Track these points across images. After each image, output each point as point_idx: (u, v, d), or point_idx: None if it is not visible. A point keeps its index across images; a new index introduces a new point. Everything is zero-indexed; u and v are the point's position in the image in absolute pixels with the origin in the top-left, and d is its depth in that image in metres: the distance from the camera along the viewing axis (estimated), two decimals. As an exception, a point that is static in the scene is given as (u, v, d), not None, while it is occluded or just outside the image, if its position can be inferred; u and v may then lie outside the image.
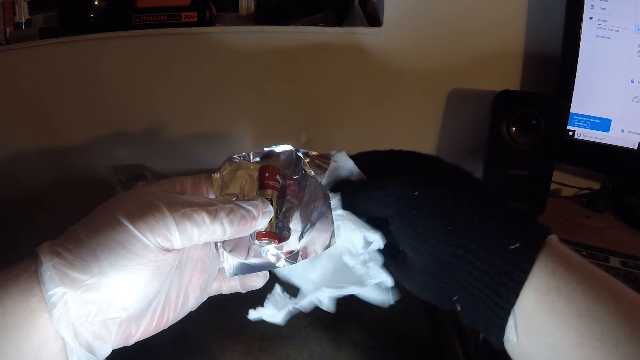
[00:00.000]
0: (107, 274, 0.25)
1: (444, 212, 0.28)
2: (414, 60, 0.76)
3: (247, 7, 0.84)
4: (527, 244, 0.26)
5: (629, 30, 0.62)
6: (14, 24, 0.78)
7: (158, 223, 0.26)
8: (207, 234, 0.28)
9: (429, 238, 0.29)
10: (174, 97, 0.81)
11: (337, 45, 0.75)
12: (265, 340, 0.44)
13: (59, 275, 0.25)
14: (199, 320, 0.47)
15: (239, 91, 0.80)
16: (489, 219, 0.28)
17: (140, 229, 0.26)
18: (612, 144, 0.68)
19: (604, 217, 0.72)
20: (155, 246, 0.26)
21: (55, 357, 0.26)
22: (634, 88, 0.64)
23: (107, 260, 0.26)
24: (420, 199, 0.29)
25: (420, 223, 0.29)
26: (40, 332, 0.25)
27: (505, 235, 0.27)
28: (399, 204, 0.29)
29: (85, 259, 0.26)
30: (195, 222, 0.27)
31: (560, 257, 0.26)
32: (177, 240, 0.27)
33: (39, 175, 0.80)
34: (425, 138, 0.82)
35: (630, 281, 0.52)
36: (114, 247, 0.26)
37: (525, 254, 0.26)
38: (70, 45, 0.76)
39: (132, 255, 0.26)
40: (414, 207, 0.29)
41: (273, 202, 0.32)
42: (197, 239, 0.28)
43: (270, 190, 0.32)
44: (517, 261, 0.26)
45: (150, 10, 0.75)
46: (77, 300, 0.25)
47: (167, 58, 0.77)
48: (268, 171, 0.33)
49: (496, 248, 0.27)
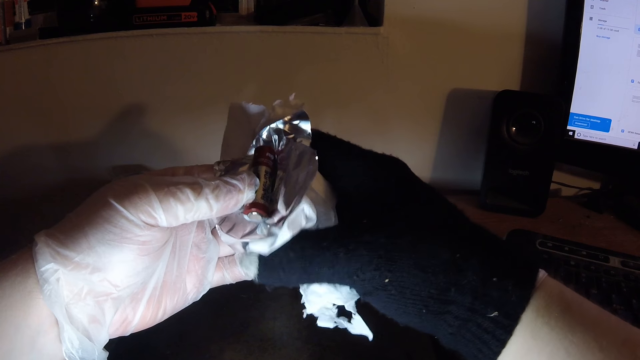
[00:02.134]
0: (95, 250, 0.26)
1: (417, 296, 0.27)
2: (414, 60, 0.76)
3: (247, 7, 0.84)
4: (505, 312, 0.25)
5: (629, 30, 0.62)
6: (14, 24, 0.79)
7: (142, 200, 0.27)
8: (193, 211, 0.28)
9: (402, 316, 0.28)
10: (174, 97, 0.81)
11: (337, 45, 0.75)
12: (265, 340, 0.44)
13: (51, 253, 0.26)
14: (199, 320, 0.47)
15: (238, 91, 0.80)
16: (465, 291, 0.26)
17: (125, 206, 0.27)
18: (612, 144, 0.68)
19: (604, 217, 0.72)
20: (139, 222, 0.27)
21: (52, 342, 0.26)
22: (634, 88, 0.64)
23: (94, 236, 0.26)
24: (392, 288, 0.27)
25: (393, 306, 0.28)
26: (38, 314, 0.26)
27: (483, 304, 0.25)
28: (368, 286, 0.28)
29: (75, 236, 0.26)
30: (179, 199, 0.28)
31: (543, 313, 0.25)
32: (162, 218, 0.27)
33: (39, 174, 0.80)
34: (425, 138, 0.82)
35: (630, 281, 0.52)
36: (100, 222, 0.27)
37: (503, 323, 0.25)
38: (70, 45, 0.76)
39: (118, 229, 0.27)
40: (385, 294, 0.27)
41: (261, 175, 0.31)
42: (184, 217, 0.28)
43: (261, 166, 0.31)
44: (494, 331, 0.25)
45: (150, 10, 0.75)
46: (68, 277, 0.26)
47: (167, 58, 0.77)
48: (259, 150, 0.33)
49: (472, 317, 0.26)
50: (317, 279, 0.29)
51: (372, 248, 0.27)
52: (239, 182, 0.30)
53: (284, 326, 0.46)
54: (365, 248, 0.27)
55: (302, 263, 0.28)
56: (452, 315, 0.26)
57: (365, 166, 0.31)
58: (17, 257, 0.27)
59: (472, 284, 0.26)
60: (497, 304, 0.25)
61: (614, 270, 0.53)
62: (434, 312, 0.27)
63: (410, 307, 0.27)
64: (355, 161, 0.32)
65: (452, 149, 0.82)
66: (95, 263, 0.26)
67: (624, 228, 0.69)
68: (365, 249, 0.27)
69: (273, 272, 0.29)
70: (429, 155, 0.82)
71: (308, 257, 0.28)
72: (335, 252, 0.27)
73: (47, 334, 0.26)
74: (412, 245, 0.27)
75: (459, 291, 0.26)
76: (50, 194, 0.81)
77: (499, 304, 0.25)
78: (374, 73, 0.77)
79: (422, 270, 0.26)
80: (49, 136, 0.82)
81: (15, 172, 0.80)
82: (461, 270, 0.26)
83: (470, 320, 0.26)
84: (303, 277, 0.29)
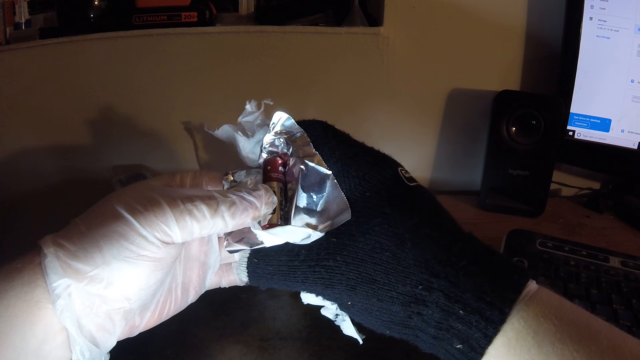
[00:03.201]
0: (110, 265, 0.26)
1: (379, 320, 0.28)
2: (414, 60, 0.76)
3: (247, 7, 0.84)
4: (470, 345, 0.25)
5: (629, 30, 0.62)
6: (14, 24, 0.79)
7: (158, 219, 0.27)
8: (208, 228, 0.28)
9: (370, 326, 0.29)
10: (174, 97, 0.81)
11: (337, 45, 0.75)
12: (265, 340, 0.44)
13: (63, 266, 0.25)
14: (199, 320, 0.47)
15: (238, 91, 0.80)
16: (428, 321, 0.26)
17: (141, 223, 0.26)
18: (612, 144, 0.68)
19: (604, 217, 0.72)
20: (155, 240, 0.27)
21: (59, 348, 0.26)
22: (634, 88, 0.64)
23: (109, 252, 0.26)
24: (355, 310, 0.28)
25: (363, 321, 0.29)
26: (44, 324, 0.25)
27: (448, 335, 0.25)
28: (335, 303, 0.30)
29: (89, 250, 0.26)
30: (195, 217, 0.27)
31: (514, 347, 0.24)
32: (178, 235, 0.27)
33: (39, 174, 0.80)
34: (425, 138, 0.82)
35: (630, 281, 0.52)
36: (117, 238, 0.26)
37: (468, 355, 0.25)
38: (70, 45, 0.76)
39: (134, 247, 0.26)
40: (350, 313, 0.29)
41: (276, 193, 0.31)
42: (199, 233, 0.28)
43: (274, 182, 0.32)
44: (462, 358, 0.25)
45: (150, 10, 0.75)
46: (81, 291, 0.25)
47: (167, 58, 0.77)
48: (270, 163, 0.33)
49: (439, 344, 0.26)
50: (295, 289, 0.31)
51: (335, 274, 0.28)
52: (256, 200, 0.29)
53: (284, 326, 0.46)
54: (329, 273, 0.28)
55: (280, 277, 0.30)
56: (420, 338, 0.27)
57: (350, 172, 0.31)
58: (22, 266, 0.26)
59: (435, 315, 0.26)
60: (462, 337, 0.25)
61: (614, 270, 0.53)
62: (400, 333, 0.28)
63: (376, 326, 0.28)
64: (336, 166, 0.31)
65: (452, 149, 0.82)
66: (110, 278, 0.26)
67: (624, 228, 0.69)
68: (328, 274, 0.28)
69: (260, 279, 0.31)
70: (429, 155, 0.82)
71: (284, 273, 0.30)
72: (304, 271, 0.29)
73: (53, 341, 0.26)
74: (371, 276, 0.27)
75: (422, 320, 0.26)
76: (50, 193, 0.81)
77: (464, 337, 0.25)
78: (374, 73, 0.77)
79: (379, 300, 0.27)
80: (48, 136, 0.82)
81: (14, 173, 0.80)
82: (424, 301, 0.26)
83: (438, 345, 0.26)
84: (283, 286, 0.31)
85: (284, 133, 0.33)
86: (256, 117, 0.36)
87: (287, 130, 0.33)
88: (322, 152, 0.31)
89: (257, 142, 0.35)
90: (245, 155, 0.36)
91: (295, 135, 0.33)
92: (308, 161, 0.31)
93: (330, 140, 0.32)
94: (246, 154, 0.35)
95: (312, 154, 0.31)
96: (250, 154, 0.35)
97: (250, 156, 0.35)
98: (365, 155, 0.32)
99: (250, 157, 0.35)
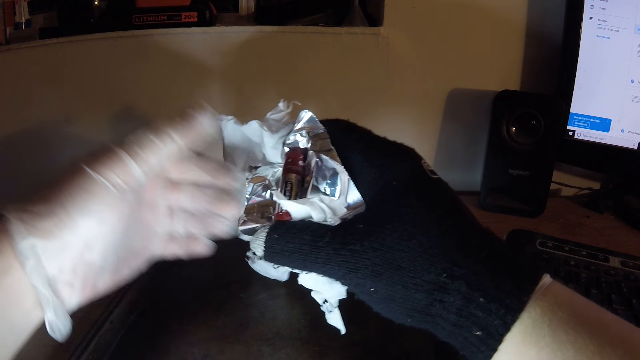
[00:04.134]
0: (74, 219, 0.27)
1: (401, 307, 0.28)
2: (414, 60, 0.76)
3: (247, 7, 0.84)
4: (489, 332, 0.25)
5: (629, 30, 0.62)
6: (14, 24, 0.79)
7: (112, 159, 0.28)
8: (161, 151, 0.30)
9: (390, 315, 0.29)
10: (174, 97, 0.81)
11: (337, 45, 0.75)
12: (265, 340, 0.44)
13: (28, 228, 0.26)
14: (199, 320, 0.47)
15: (238, 91, 0.80)
16: (450, 309, 0.26)
17: (100, 171, 0.28)
18: (612, 144, 0.68)
19: (604, 217, 0.72)
20: (117, 181, 0.28)
21: (30, 311, 0.27)
22: (634, 88, 0.64)
23: (73, 206, 0.27)
24: (377, 297, 0.28)
25: (382, 309, 0.29)
26: (15, 288, 0.26)
27: (468, 322, 0.26)
28: (356, 290, 0.29)
29: (52, 208, 0.27)
30: (146, 146, 0.29)
31: (531, 333, 0.25)
32: (137, 170, 0.29)
33: (38, 175, 0.80)
34: (426, 138, 0.82)
35: (630, 281, 0.52)
36: (79, 192, 0.27)
37: (487, 342, 0.25)
38: (70, 45, 0.76)
39: (97, 197, 0.27)
40: (371, 300, 0.29)
41: (293, 185, 0.33)
42: (157, 162, 0.30)
43: (292, 174, 0.34)
44: (480, 346, 0.26)
45: (150, 10, 0.75)
46: (48, 249, 0.26)
47: (167, 58, 0.77)
48: (291, 156, 0.35)
49: (458, 331, 0.26)
50: (312, 270, 0.30)
51: (360, 259, 0.28)
52: (195, 116, 0.32)
53: (284, 326, 0.46)
54: (354, 257, 0.28)
55: (299, 255, 0.30)
56: (439, 325, 0.27)
57: (370, 164, 0.31)
58: None
59: (456, 303, 0.26)
60: (481, 323, 0.25)
61: (614, 270, 0.53)
62: (419, 321, 0.28)
63: (397, 314, 0.28)
64: (360, 156, 0.32)
65: (452, 149, 0.82)
66: (75, 232, 0.27)
67: (624, 228, 0.69)
68: (354, 258, 0.28)
69: (275, 256, 0.31)
70: (429, 155, 0.82)
71: (305, 252, 0.29)
72: (328, 253, 0.29)
73: (25, 303, 0.26)
74: (397, 263, 0.27)
75: (444, 307, 0.26)
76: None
77: (483, 324, 0.25)
78: (374, 73, 0.77)
79: (404, 287, 0.27)
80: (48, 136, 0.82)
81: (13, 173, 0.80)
82: (446, 289, 0.26)
83: (457, 333, 0.26)
84: (299, 266, 0.30)
85: (307, 129, 0.35)
86: (283, 116, 0.39)
87: (310, 127, 0.35)
88: (346, 144, 0.33)
89: (280, 138, 0.37)
90: (267, 150, 0.38)
91: (317, 132, 0.35)
92: (324, 155, 0.32)
93: (353, 134, 0.34)
94: (269, 148, 0.38)
95: (329, 149, 0.33)
96: (273, 148, 0.37)
97: (272, 151, 0.38)
98: (389, 147, 0.33)
99: (272, 151, 0.38)
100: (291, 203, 0.31)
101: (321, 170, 0.33)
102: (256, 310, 0.48)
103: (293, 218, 0.31)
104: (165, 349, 0.43)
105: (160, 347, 0.43)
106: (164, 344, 0.44)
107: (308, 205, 0.31)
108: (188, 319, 0.47)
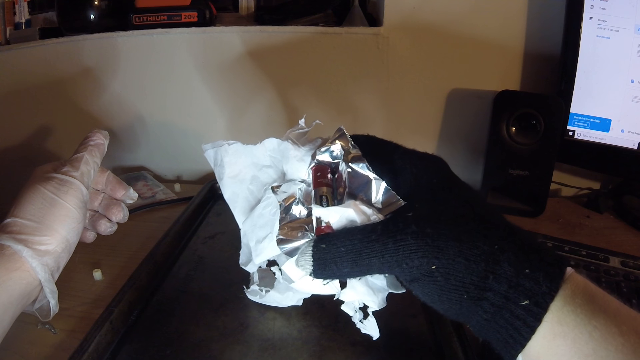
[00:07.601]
0: (62, 235, 0.40)
1: (460, 282, 0.29)
2: (414, 60, 0.76)
3: (247, 7, 0.85)
4: (536, 301, 0.27)
5: (629, 30, 0.62)
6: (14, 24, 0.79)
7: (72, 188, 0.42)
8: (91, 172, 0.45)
9: (444, 302, 0.30)
10: (174, 97, 0.81)
11: (337, 45, 0.75)
12: (265, 340, 0.44)
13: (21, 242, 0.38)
14: (199, 320, 0.47)
15: (238, 91, 0.80)
16: (501, 280, 0.28)
17: (68, 200, 0.41)
18: (612, 144, 0.68)
19: (604, 217, 0.72)
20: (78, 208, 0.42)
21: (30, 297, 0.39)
22: (634, 88, 0.64)
23: (63, 228, 0.40)
24: (438, 274, 0.29)
25: (437, 292, 0.30)
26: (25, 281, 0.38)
27: (516, 293, 0.28)
28: (415, 273, 0.30)
29: (46, 233, 0.39)
30: (85, 161, 0.45)
31: (570, 302, 0.27)
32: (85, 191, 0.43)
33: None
34: (426, 138, 0.82)
35: (630, 281, 0.52)
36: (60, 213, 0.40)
37: (533, 311, 0.27)
38: (70, 45, 0.76)
39: (71, 218, 0.41)
40: (431, 280, 0.30)
41: (329, 198, 0.34)
42: (86, 169, 0.44)
43: (324, 187, 0.35)
44: (525, 318, 0.27)
45: (150, 10, 0.75)
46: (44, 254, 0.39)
47: (167, 58, 0.77)
48: (320, 170, 0.36)
49: (506, 304, 0.28)
50: (367, 270, 0.31)
51: (420, 237, 0.29)
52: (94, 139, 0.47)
53: (284, 326, 0.46)
54: (413, 238, 0.29)
55: (353, 256, 0.31)
56: (488, 301, 0.28)
57: (410, 165, 0.35)
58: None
59: (507, 273, 0.28)
60: (529, 293, 0.27)
61: (614, 270, 0.53)
62: (473, 298, 0.29)
63: (453, 293, 0.29)
64: (400, 161, 0.35)
65: (452, 149, 0.82)
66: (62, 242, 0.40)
67: (624, 228, 0.69)
68: (413, 238, 0.29)
69: (326, 268, 0.32)
70: (429, 155, 0.82)
71: (358, 250, 0.30)
72: (384, 243, 0.30)
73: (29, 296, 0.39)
74: (456, 236, 0.29)
75: (496, 279, 0.28)
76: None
77: (530, 293, 0.27)
78: (374, 73, 0.77)
79: (465, 259, 0.29)
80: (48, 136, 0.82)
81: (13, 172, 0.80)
82: (498, 261, 0.28)
83: (504, 307, 0.28)
84: (354, 269, 0.31)
85: (341, 142, 0.37)
86: (305, 132, 0.42)
87: (343, 140, 0.37)
88: (383, 152, 0.37)
89: (307, 152, 0.39)
90: (292, 163, 0.39)
91: (348, 145, 0.37)
92: (354, 165, 0.34)
93: (388, 144, 0.38)
94: (295, 161, 0.39)
95: (360, 159, 0.35)
96: (300, 161, 0.39)
97: (298, 164, 0.39)
98: (423, 153, 0.37)
99: (297, 164, 0.39)
100: (333, 210, 0.32)
101: (354, 179, 0.34)
102: (256, 310, 0.48)
103: (335, 229, 0.32)
104: (165, 349, 0.43)
105: (160, 347, 0.43)
106: (164, 344, 0.44)
107: (352, 208, 0.31)
108: (188, 319, 0.47)
